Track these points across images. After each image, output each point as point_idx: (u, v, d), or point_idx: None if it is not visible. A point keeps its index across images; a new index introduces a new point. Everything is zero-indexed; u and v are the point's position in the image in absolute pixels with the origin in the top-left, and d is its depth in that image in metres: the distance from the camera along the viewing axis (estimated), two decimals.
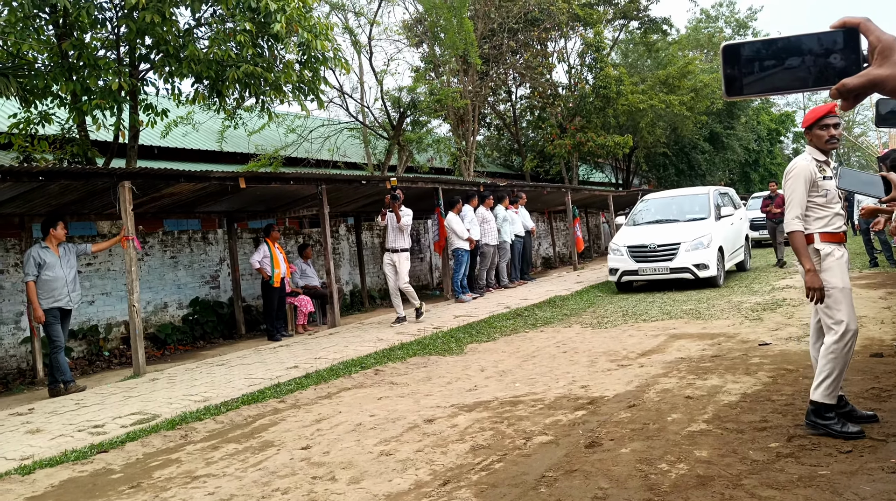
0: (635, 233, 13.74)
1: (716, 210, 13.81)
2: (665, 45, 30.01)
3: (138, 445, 5.46)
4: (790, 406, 4.98)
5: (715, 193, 14.52)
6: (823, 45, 1.22)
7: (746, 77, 1.27)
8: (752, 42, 1.26)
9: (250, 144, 18.07)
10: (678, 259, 12.69)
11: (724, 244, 13.36)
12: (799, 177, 4.37)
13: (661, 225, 13.95)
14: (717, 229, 13.23)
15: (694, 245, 12.69)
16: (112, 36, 10.58)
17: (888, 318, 8.16)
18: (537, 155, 26.93)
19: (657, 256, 12.91)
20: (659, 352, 7.46)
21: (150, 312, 11.32)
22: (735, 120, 33.34)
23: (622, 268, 13.22)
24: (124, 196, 8.55)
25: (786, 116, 42.21)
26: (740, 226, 15.03)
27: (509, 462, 4.36)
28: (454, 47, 18.82)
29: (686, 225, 13.50)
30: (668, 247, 12.86)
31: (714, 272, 12.60)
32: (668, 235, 13.11)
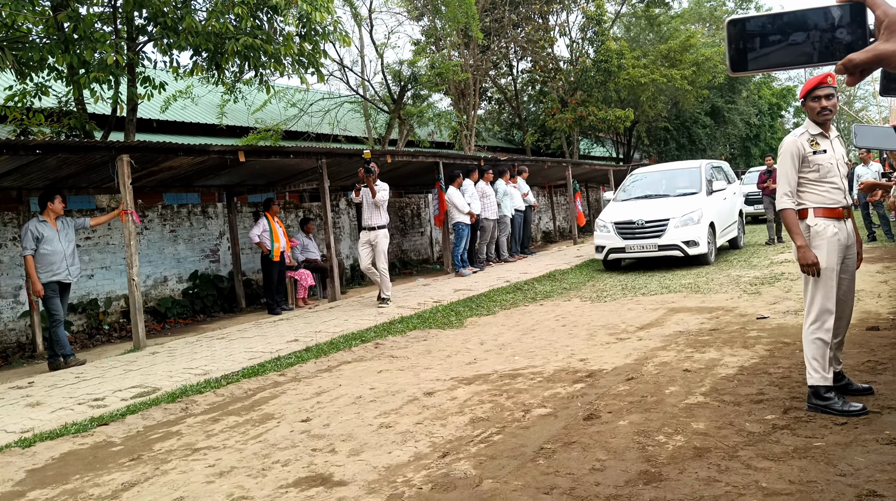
0: (623, 208, 13.18)
1: (707, 184, 13.27)
2: (667, 18, 29.74)
3: (139, 418, 5.49)
4: (786, 378, 5.00)
5: (707, 167, 14.00)
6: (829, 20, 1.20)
7: (752, 52, 1.25)
8: (757, 17, 1.24)
9: (250, 118, 17.99)
10: (667, 235, 12.16)
11: (716, 220, 12.89)
12: (786, 154, 4.37)
13: (651, 200, 13.37)
14: (708, 204, 12.73)
15: (683, 221, 12.15)
16: (109, 8, 10.48)
17: (885, 292, 8.17)
18: (538, 129, 26.81)
19: (645, 233, 12.36)
20: (658, 326, 7.48)
21: (149, 286, 11.34)
22: (736, 94, 33.15)
23: (609, 246, 12.70)
24: (123, 170, 8.52)
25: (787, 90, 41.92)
26: (734, 202, 14.57)
27: (508, 434, 4.38)
28: (455, 20, 18.66)
29: (676, 200, 12.93)
30: (657, 222, 12.30)
31: (704, 249, 12.13)
32: (656, 211, 12.56)
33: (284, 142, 17.68)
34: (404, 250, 17.39)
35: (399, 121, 19.52)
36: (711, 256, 12.50)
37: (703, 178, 13.36)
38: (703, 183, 13.24)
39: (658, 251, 12.24)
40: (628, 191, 14.23)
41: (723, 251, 14.19)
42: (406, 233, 17.56)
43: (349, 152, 12.37)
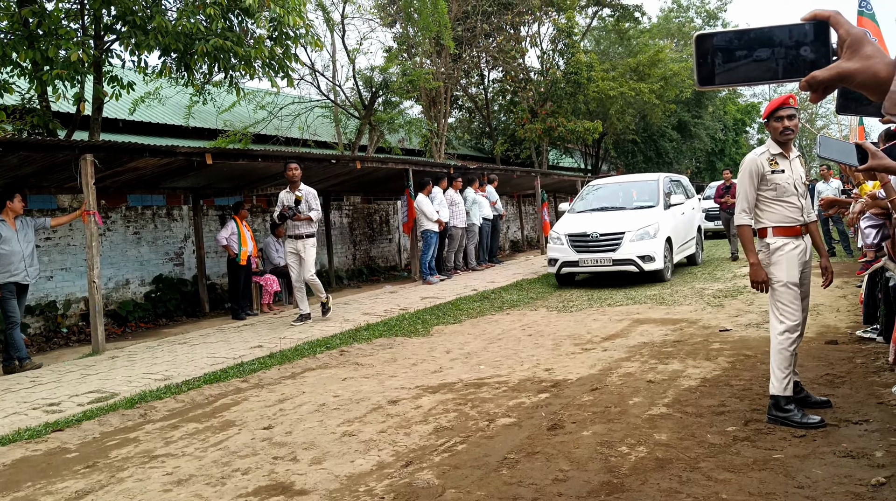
0: (577, 220, 12.63)
1: (665, 198, 12.83)
2: (636, 33, 30.12)
3: (95, 424, 5.37)
4: (748, 390, 5.06)
5: (665, 180, 13.59)
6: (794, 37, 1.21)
7: (718, 67, 1.26)
8: (724, 32, 1.25)
9: (219, 120, 17.80)
10: (622, 249, 11.67)
11: (673, 235, 12.49)
12: (745, 172, 4.48)
13: (606, 212, 12.86)
14: (665, 218, 12.30)
15: (639, 234, 11.70)
16: (76, 5, 10.31)
17: (843, 306, 8.33)
18: (508, 138, 26.93)
19: (599, 246, 11.85)
20: (622, 337, 7.53)
21: (111, 289, 11.14)
22: (703, 109, 33.65)
23: (562, 259, 12.15)
24: (86, 169, 8.36)
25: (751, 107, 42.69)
26: (692, 216, 14.19)
27: (472, 443, 4.37)
28: (427, 28, 18.69)
29: (632, 213, 12.49)
30: (612, 236, 11.78)
31: (660, 265, 11.72)
32: (611, 224, 12.06)
33: (254, 145, 17.53)
34: (372, 257, 17.33)
35: (369, 128, 19.48)
36: (668, 272, 12.17)
37: (661, 192, 12.98)
38: (661, 196, 12.86)
39: (613, 266, 11.79)
40: (584, 202, 13.80)
41: (683, 266, 14.03)
42: (374, 239, 17.50)
43: (318, 157, 12.29)
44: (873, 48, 1.15)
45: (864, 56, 1.15)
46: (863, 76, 1.15)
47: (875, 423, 4.16)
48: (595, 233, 11.88)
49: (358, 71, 19.44)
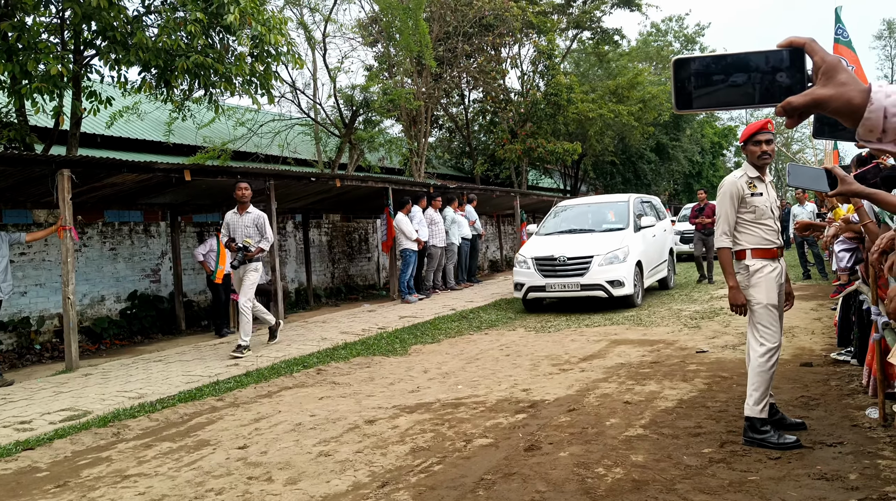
0: (545, 243, 12.20)
1: (635, 220, 12.41)
2: (616, 56, 30.46)
3: (67, 442, 5.29)
4: (724, 412, 5.09)
5: (636, 201, 13.16)
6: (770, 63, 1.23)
7: (696, 91, 1.27)
8: (702, 57, 1.26)
9: (198, 136, 17.73)
10: (590, 274, 11.17)
11: (644, 258, 12.07)
12: (726, 195, 4.50)
13: (574, 235, 12.43)
14: (635, 241, 11.88)
15: (608, 258, 11.24)
16: (56, 19, 10.26)
17: (818, 329, 8.42)
18: (488, 158, 27.03)
19: (567, 271, 11.35)
20: (600, 357, 7.55)
21: (85, 305, 11.01)
22: (681, 132, 34.02)
23: (528, 283, 11.67)
24: (63, 184, 8.29)
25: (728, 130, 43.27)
26: (664, 239, 13.77)
27: (449, 464, 4.35)
28: (409, 48, 18.78)
29: (601, 236, 12.07)
30: (580, 260, 11.29)
31: (630, 290, 11.25)
32: (579, 247, 11.59)
33: (233, 162, 17.47)
34: (351, 275, 17.28)
35: (350, 146, 19.49)
36: (638, 298, 11.68)
37: (631, 213, 12.54)
38: (631, 218, 12.42)
39: (581, 291, 11.27)
40: (552, 224, 13.35)
41: (654, 290, 13.66)
42: (353, 258, 17.46)
43: (298, 175, 12.28)
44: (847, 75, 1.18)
45: (838, 83, 1.17)
46: (837, 103, 1.17)
47: (849, 445, 4.20)
48: (562, 257, 11.40)
49: (339, 89, 19.49)
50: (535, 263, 11.65)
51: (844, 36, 12.06)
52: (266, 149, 18.91)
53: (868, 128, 1.17)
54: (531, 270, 11.65)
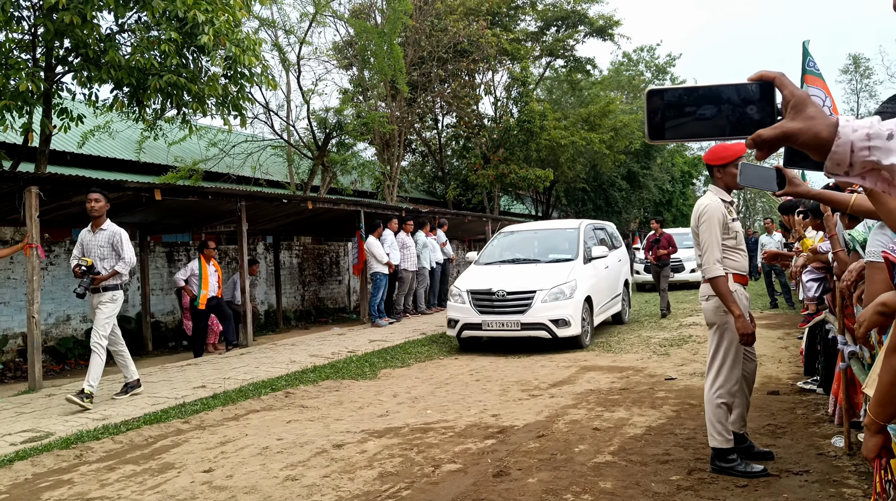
0: (483, 274, 10.87)
1: (585, 249, 11.19)
2: (588, 84, 30.90)
3: (28, 464, 5.18)
4: (692, 439, 5.13)
5: (586, 228, 11.93)
6: (741, 96, 1.26)
7: (669, 122, 1.29)
8: (674, 89, 1.28)
9: (169, 156, 17.60)
10: (532, 312, 9.90)
11: (594, 293, 10.84)
12: (713, 220, 4.31)
13: (517, 265, 11.08)
14: (584, 274, 10.69)
15: (553, 294, 9.99)
16: (28, 36, 10.17)
17: (785, 358, 8.53)
18: (460, 183, 27.17)
19: (506, 307, 10.05)
20: (569, 383, 7.58)
21: (51, 324, 10.81)
22: (651, 160, 34.51)
23: (463, 320, 10.29)
24: (30, 202, 8.17)
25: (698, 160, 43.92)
26: (618, 270, 12.61)
27: (417, 489, 4.33)
28: (383, 72, 18.88)
29: (546, 267, 10.76)
30: (521, 295, 10.03)
31: (577, 330, 9.95)
32: (521, 280, 10.33)
33: (204, 182, 17.35)
34: (321, 298, 17.18)
35: (322, 168, 19.47)
36: (586, 338, 10.34)
37: (581, 242, 11.29)
38: (581, 248, 11.17)
39: (521, 330, 9.98)
40: (493, 252, 11.98)
41: (599, 329, 11.46)
42: (324, 280, 17.37)
43: (270, 196, 12.23)
44: (815, 109, 1.21)
45: (806, 117, 1.20)
46: (805, 136, 1.20)
47: (815, 474, 4.25)
48: (501, 292, 10.10)
49: (312, 111, 19.50)
50: (470, 297, 10.35)
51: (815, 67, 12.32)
52: (238, 170, 18.82)
53: (836, 161, 1.20)
54: (466, 305, 10.32)
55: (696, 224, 4.41)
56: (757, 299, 14.92)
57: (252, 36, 11.38)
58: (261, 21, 17.92)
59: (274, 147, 20.11)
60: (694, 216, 4.47)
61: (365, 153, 23.24)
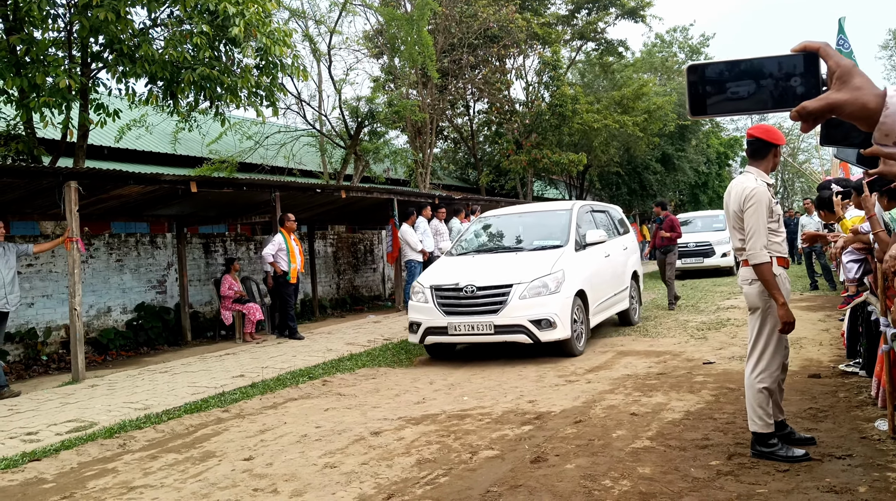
0: (453, 266, 9.06)
1: (578, 235, 9.30)
2: (620, 67, 30.51)
3: (73, 454, 5.30)
4: (731, 424, 5.06)
5: (581, 211, 9.97)
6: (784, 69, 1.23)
7: (710, 97, 1.27)
8: (716, 63, 1.26)
9: (204, 148, 17.79)
10: (507, 311, 8.08)
11: (590, 287, 8.94)
12: (762, 204, 4.17)
13: (496, 255, 9.26)
14: (575, 264, 8.79)
15: (534, 288, 8.17)
16: (64, 33, 10.34)
17: (826, 340, 8.38)
18: (493, 169, 27.08)
19: (477, 306, 8.22)
20: (606, 369, 7.53)
21: (92, 316, 11.03)
22: (686, 142, 34.02)
23: (426, 323, 8.41)
24: (70, 196, 8.33)
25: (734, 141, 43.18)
26: (623, 260, 10.67)
27: (454, 476, 4.34)
28: (413, 60, 18.85)
29: (529, 256, 8.97)
30: (494, 291, 8.21)
31: (564, 332, 8.05)
32: (496, 272, 8.50)
33: (239, 174, 17.52)
34: (356, 286, 17.29)
35: (355, 157, 19.53)
36: (580, 342, 8.54)
37: (573, 226, 9.38)
38: (572, 232, 9.27)
39: (494, 334, 8.13)
40: (470, 240, 10.18)
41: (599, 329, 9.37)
42: (358, 269, 17.47)
43: (303, 186, 12.32)
44: (862, 79, 1.18)
45: (853, 87, 1.17)
46: (852, 107, 1.17)
47: (858, 458, 4.17)
48: (470, 287, 8.28)
49: (344, 101, 19.55)
50: (434, 295, 8.50)
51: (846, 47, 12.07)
52: (272, 161, 18.97)
53: (884, 132, 1.16)
54: (430, 304, 8.47)
55: (739, 207, 4.24)
56: (797, 281, 14.67)
57: (282, 27, 11.43)
58: (291, 12, 18.00)
59: (307, 137, 20.23)
60: (736, 198, 4.28)
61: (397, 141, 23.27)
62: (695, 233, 19.94)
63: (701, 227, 20.67)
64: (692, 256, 19.50)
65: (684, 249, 18.54)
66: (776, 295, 4.10)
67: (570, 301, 8.36)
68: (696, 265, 19.61)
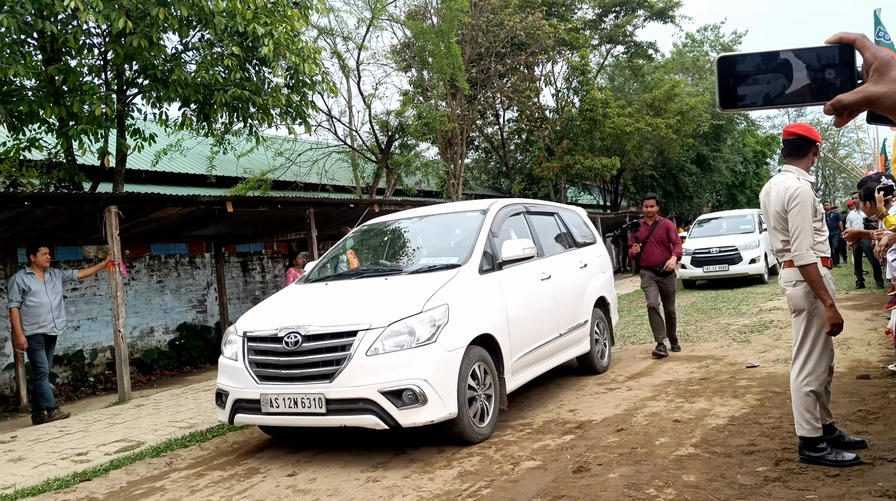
0: (287, 301, 6.22)
1: (491, 247, 6.25)
2: (651, 69, 30.30)
3: (122, 473, 5.39)
4: (778, 429, 4.97)
5: (501, 213, 6.78)
6: (819, 61, 1.20)
7: (741, 90, 1.25)
8: (747, 55, 1.24)
9: (238, 168, 18.04)
10: (347, 375, 5.11)
11: (505, 328, 5.94)
12: (807, 204, 4.09)
13: (359, 281, 6.23)
14: (474, 294, 5.78)
15: (392, 337, 5.20)
16: (99, 61, 10.59)
17: (874, 340, 8.19)
18: (525, 177, 27.03)
19: (300, 366, 5.30)
20: (647, 375, 7.45)
21: (136, 337, 11.23)
22: (721, 142, 33.60)
23: (234, 394, 5.53)
24: (110, 221, 8.52)
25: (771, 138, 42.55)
26: (579, 283, 7.54)
27: (497, 488, 4.32)
28: (442, 71, 18.93)
29: (402, 283, 5.91)
30: (328, 341, 5.26)
31: (444, 410, 5.14)
32: (339, 310, 5.62)
33: (273, 191, 17.73)
34: None
35: (387, 171, 19.64)
36: (483, 422, 5.56)
37: (481, 237, 6.23)
38: (478, 246, 6.13)
39: (327, 415, 5.14)
40: (334, 258, 7.04)
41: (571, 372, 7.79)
42: None
43: (336, 201, 12.42)
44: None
45: (891, 80, 1.14)
46: (890, 100, 1.14)
47: None
48: (293, 336, 5.32)
49: (374, 115, 19.69)
50: (246, 347, 5.58)
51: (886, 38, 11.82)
52: (305, 178, 19.17)
53: None
54: (239, 363, 5.56)
55: (783, 207, 4.15)
56: (842, 279, 14.36)
57: (311, 45, 11.57)
58: (319, 30, 18.19)
59: (338, 153, 20.40)
60: (779, 198, 4.19)
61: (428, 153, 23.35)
62: (718, 237, 17.35)
63: (726, 229, 17.99)
64: (715, 263, 16.69)
65: (705, 255, 16.66)
66: (824, 297, 4.02)
67: (458, 355, 5.24)
68: (719, 273, 16.70)
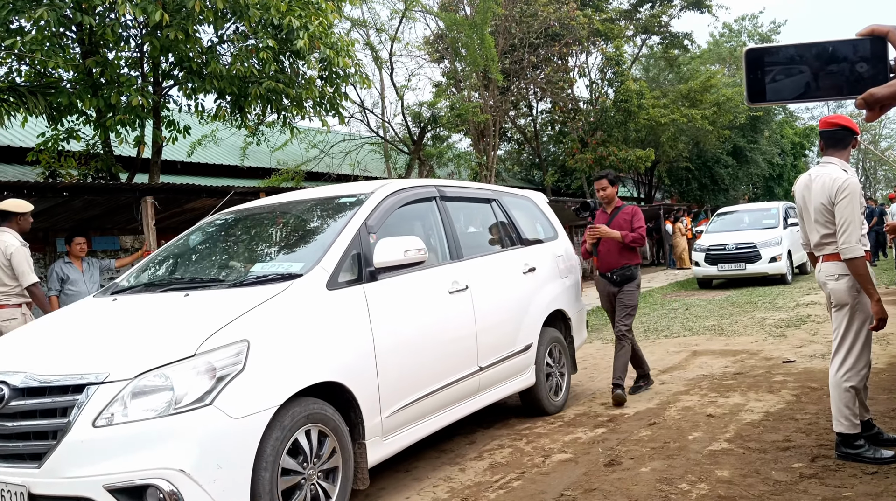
0: (48, 328, 4.04)
1: (364, 249, 4.21)
2: (686, 59, 29.87)
3: None
4: (814, 425, 4.88)
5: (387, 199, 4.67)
6: (850, 53, 1.17)
7: (770, 83, 1.21)
8: (776, 47, 1.20)
9: (272, 159, 18.19)
10: (60, 458, 3.03)
11: (366, 372, 3.92)
12: (855, 197, 3.99)
13: (162, 295, 4.13)
14: (308, 319, 3.73)
15: (141, 397, 3.08)
16: (136, 53, 10.73)
17: None
18: (558, 169, 26.86)
19: (2, 438, 3.22)
20: (680, 369, 7.37)
21: None
22: (758, 134, 33.04)
23: None
24: (147, 211, 8.62)
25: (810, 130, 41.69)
26: (522, 295, 5.67)
27: (527, 480, 4.31)
28: (475, 63, 18.86)
29: (197, 302, 3.80)
30: (37, 400, 3.18)
31: None
32: (75, 349, 3.53)
33: (306, 183, 17.83)
34: None
35: (419, 162, 19.65)
36: None
37: (343, 234, 4.19)
38: (335, 247, 4.08)
39: None
40: (159, 263, 5.21)
41: None
42: None
43: None
44: None
45: None
46: None
47: None
48: None
49: (406, 107, 19.68)
50: None
51: None
52: (337, 169, 19.25)
53: None
54: None
55: (830, 199, 4.05)
56: (882, 274, 14.07)
57: (344, 37, 11.60)
58: (352, 22, 18.24)
59: (371, 144, 20.47)
60: (824, 190, 4.08)
61: (460, 144, 23.32)
62: (737, 232, 16.11)
63: (747, 224, 16.75)
64: (730, 261, 15.48)
65: (720, 253, 15.58)
66: (871, 291, 3.94)
67: (257, 425, 3.25)
68: (735, 272, 15.54)
